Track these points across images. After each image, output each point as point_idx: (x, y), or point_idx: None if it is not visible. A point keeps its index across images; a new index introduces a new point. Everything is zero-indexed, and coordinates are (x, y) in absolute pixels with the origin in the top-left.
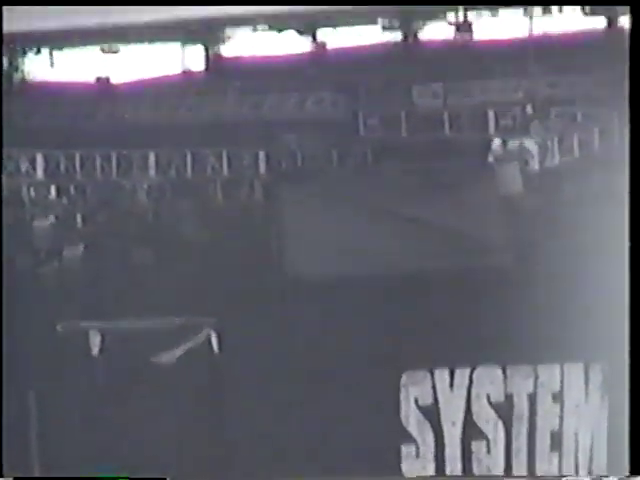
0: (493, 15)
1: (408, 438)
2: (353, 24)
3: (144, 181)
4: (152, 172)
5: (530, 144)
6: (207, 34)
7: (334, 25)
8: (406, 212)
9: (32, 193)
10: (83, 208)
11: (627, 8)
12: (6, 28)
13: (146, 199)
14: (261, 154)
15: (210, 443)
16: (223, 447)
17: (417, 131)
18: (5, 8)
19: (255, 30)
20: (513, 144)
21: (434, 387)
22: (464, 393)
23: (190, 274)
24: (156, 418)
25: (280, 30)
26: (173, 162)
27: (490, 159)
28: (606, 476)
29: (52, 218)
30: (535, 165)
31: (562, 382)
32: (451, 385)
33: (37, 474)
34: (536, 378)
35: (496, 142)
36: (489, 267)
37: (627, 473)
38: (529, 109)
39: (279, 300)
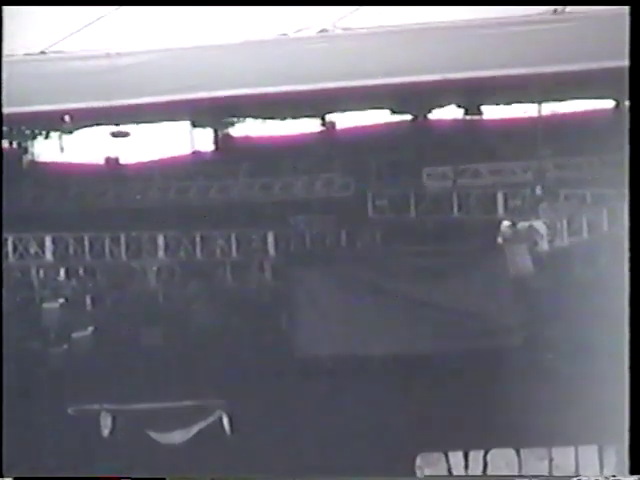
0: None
1: None
2: (362, 107)
3: (153, 263)
4: (161, 254)
5: (539, 225)
6: (216, 116)
7: (343, 108)
8: (415, 294)
9: (41, 275)
10: (92, 290)
11: None
12: (14, 110)
13: (155, 281)
14: (270, 236)
15: None
16: None
17: (426, 213)
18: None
19: (264, 115)
20: (522, 225)
21: (449, 469)
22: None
23: (200, 356)
24: None
25: (290, 114)
26: (182, 244)
27: (499, 240)
28: (614, 476)
29: (61, 300)
30: (544, 246)
31: (577, 464)
32: (466, 467)
33: None
34: (550, 460)
35: (505, 223)
36: (500, 348)
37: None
38: (538, 190)
39: (290, 381)
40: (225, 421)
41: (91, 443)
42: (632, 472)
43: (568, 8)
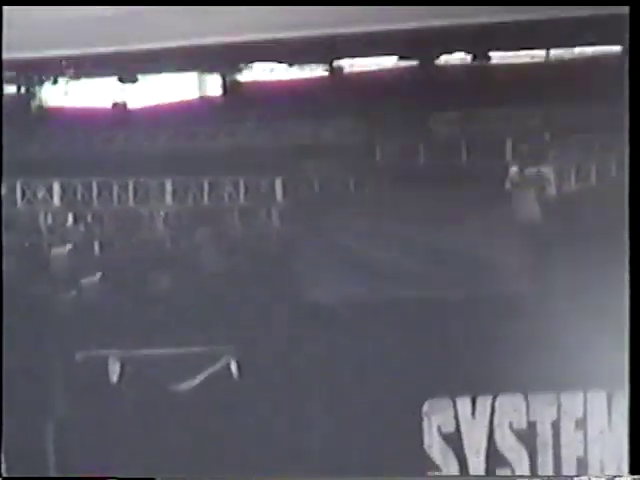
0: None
1: (432, 466)
2: (370, 53)
3: (161, 209)
4: (169, 200)
5: (547, 171)
6: (224, 61)
7: (351, 54)
8: (423, 238)
9: (49, 221)
10: (100, 236)
11: None
12: (21, 55)
13: (163, 227)
14: (278, 181)
15: (230, 468)
16: (242, 472)
17: (434, 158)
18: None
19: (272, 59)
20: (530, 171)
21: (456, 416)
22: (486, 421)
23: (208, 302)
24: (175, 445)
25: (298, 60)
26: (190, 190)
27: (507, 186)
28: (619, 476)
29: (69, 246)
30: (552, 192)
31: (585, 409)
32: (473, 413)
33: None
34: (559, 406)
35: (513, 169)
36: (507, 294)
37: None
38: (546, 136)
39: (297, 326)
40: (233, 366)
41: (99, 389)
42: (632, 472)
43: None
